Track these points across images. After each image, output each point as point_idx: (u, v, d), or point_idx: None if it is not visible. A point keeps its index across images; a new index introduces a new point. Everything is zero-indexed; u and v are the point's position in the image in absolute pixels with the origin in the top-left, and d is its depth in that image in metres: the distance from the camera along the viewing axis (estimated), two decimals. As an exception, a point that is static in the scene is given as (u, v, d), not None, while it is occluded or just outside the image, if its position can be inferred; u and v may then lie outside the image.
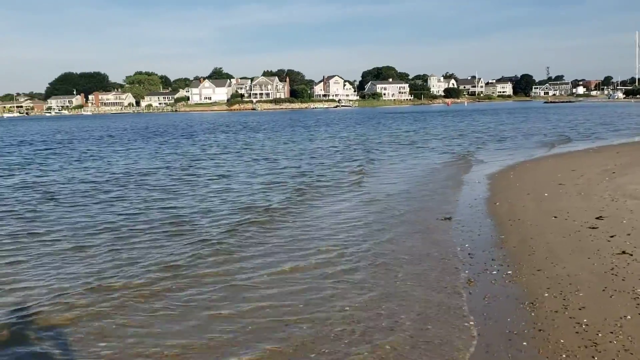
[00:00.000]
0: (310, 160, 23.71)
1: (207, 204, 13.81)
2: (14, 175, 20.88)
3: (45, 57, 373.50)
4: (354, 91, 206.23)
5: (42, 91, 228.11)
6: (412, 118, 72.97)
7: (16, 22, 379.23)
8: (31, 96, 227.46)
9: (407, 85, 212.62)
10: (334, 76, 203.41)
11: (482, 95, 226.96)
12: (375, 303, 6.97)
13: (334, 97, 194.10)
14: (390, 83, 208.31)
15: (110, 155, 28.19)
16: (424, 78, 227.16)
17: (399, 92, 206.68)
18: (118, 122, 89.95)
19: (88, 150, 31.18)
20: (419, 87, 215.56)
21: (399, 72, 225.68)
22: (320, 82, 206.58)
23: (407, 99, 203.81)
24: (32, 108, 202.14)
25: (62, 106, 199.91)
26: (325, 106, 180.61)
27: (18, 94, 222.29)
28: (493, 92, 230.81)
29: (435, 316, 6.50)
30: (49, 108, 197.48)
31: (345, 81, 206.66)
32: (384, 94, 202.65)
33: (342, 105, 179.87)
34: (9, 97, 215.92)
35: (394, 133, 41.38)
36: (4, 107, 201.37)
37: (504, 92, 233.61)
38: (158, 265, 8.70)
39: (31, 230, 11.29)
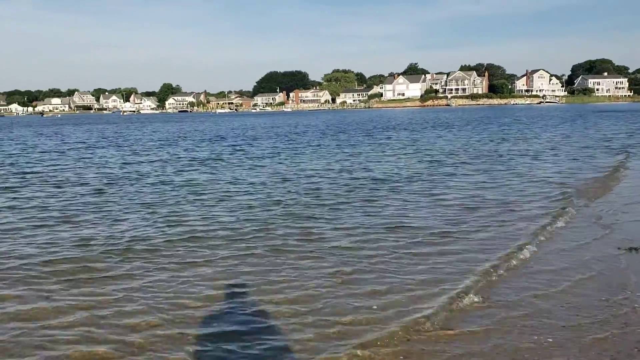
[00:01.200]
0: (489, 166, 21.12)
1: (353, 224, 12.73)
2: (194, 170, 22.03)
3: (254, 57, 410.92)
4: (562, 86, 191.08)
5: (250, 89, 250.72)
6: (629, 117, 63.70)
7: (231, 25, 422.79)
8: (240, 94, 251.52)
9: (626, 79, 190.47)
10: (538, 70, 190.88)
11: None
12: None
13: (538, 93, 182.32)
14: (604, 77, 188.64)
15: (281, 154, 28.57)
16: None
17: (615, 88, 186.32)
18: (310, 118, 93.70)
19: (266, 148, 32.20)
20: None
21: (617, 66, 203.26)
22: (522, 76, 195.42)
23: (625, 95, 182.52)
24: (241, 105, 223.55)
25: (266, 103, 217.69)
26: (527, 102, 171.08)
27: (229, 92, 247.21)
28: None
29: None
30: (255, 105, 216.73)
31: (551, 75, 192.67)
32: (597, 90, 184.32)
33: (546, 102, 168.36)
34: (222, 95, 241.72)
35: (603, 136, 35.35)
36: (218, 103, 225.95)
37: None
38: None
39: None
